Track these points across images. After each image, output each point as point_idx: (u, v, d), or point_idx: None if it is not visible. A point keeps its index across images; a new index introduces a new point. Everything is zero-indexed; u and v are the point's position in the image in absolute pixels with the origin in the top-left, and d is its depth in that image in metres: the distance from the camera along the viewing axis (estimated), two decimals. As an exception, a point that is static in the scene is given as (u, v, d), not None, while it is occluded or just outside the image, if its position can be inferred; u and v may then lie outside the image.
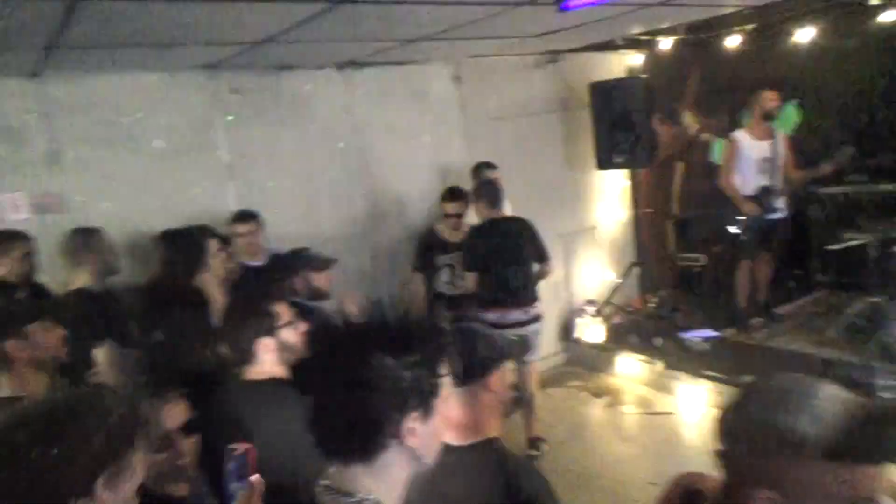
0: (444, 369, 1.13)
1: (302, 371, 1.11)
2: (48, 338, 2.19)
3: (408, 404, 1.07)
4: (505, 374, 1.70)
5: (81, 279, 3.24)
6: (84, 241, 3.27)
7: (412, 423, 1.07)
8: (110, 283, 3.41)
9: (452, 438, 1.64)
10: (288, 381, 2.11)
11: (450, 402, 1.65)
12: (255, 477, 1.51)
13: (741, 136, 5.14)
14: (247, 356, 2.12)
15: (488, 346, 1.66)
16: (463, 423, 1.64)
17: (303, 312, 3.12)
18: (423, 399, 1.09)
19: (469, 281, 4.24)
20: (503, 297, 4.14)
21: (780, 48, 5.52)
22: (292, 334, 2.14)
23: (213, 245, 2.97)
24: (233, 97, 4.27)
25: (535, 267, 4.29)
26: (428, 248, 4.55)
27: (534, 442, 4.33)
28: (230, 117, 4.27)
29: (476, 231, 4.24)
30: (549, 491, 1.55)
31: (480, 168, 4.82)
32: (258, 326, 2.11)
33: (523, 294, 4.17)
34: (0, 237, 3.25)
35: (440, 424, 1.14)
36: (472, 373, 1.63)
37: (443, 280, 4.54)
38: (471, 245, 4.24)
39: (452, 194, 4.46)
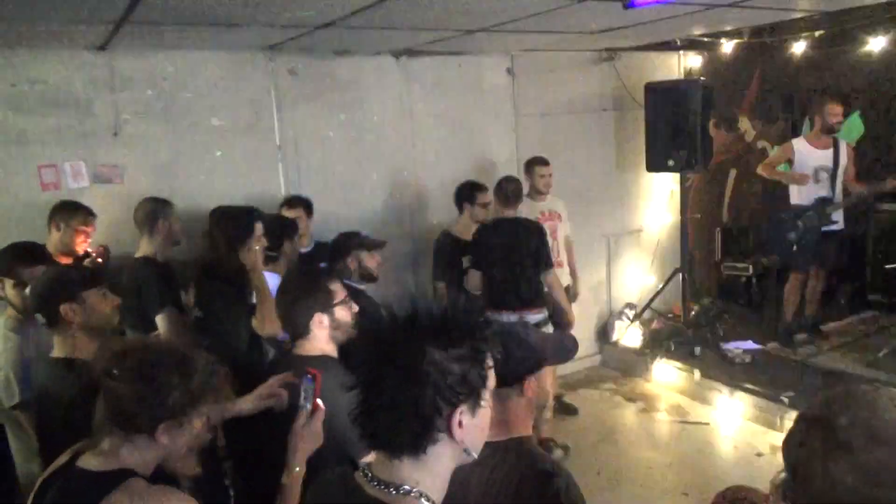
0: (490, 362, 1.13)
1: (352, 364, 1.11)
2: (102, 305, 2.26)
3: (458, 397, 1.07)
4: (542, 378, 1.68)
5: (145, 248, 3.35)
6: (155, 210, 3.37)
7: (460, 417, 1.08)
8: (171, 254, 3.51)
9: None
10: (337, 359, 2.15)
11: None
12: (318, 401, 1.65)
13: (800, 143, 5.02)
14: (301, 330, 2.16)
15: (526, 349, 1.64)
16: (495, 421, 1.62)
17: (352, 293, 3.19)
18: (472, 392, 1.09)
19: (473, 279, 4.14)
20: (500, 299, 4.03)
21: (849, 56, 5.34)
22: (345, 313, 2.17)
23: (258, 228, 3.00)
24: (289, 79, 4.32)
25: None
26: (448, 252, 4.38)
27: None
28: (285, 99, 4.32)
29: (482, 229, 4.16)
30: (578, 492, 1.54)
31: (532, 163, 4.76)
32: (315, 302, 2.14)
33: (519, 297, 4.02)
34: (64, 205, 3.38)
35: (486, 417, 1.14)
36: (507, 374, 1.61)
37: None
38: (475, 243, 4.16)
39: (484, 185, 4.40)
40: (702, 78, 5.40)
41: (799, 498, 0.99)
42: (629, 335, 5.81)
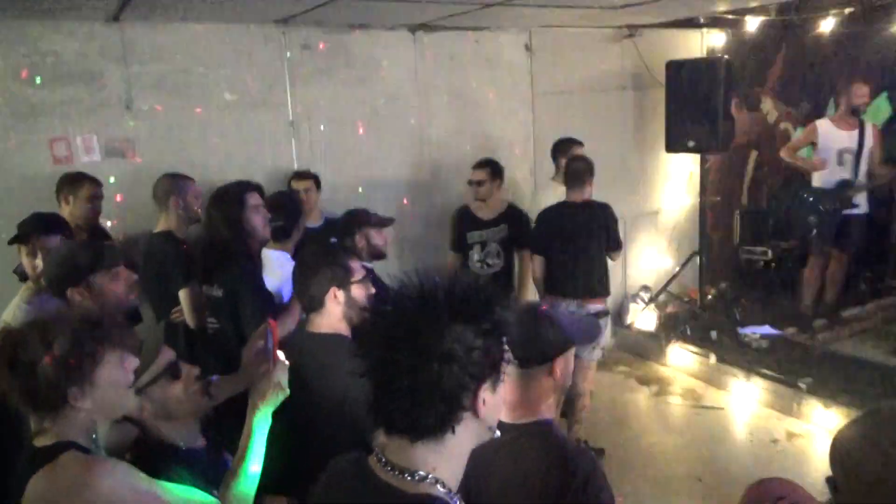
0: (508, 335, 1.09)
1: (365, 348, 1.06)
2: (113, 286, 2.24)
3: (483, 372, 1.03)
4: (569, 360, 1.65)
5: (164, 223, 3.32)
6: (173, 186, 3.33)
7: (483, 394, 1.04)
8: (188, 231, 3.47)
9: (505, 416, 1.60)
10: (349, 338, 2.12)
11: (508, 380, 1.62)
12: (277, 353, 1.66)
13: (824, 124, 4.89)
14: (315, 304, 2.13)
15: (555, 330, 1.60)
16: (518, 402, 1.60)
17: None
18: (495, 367, 1.05)
19: (536, 265, 4.10)
20: (560, 286, 3.99)
21: (879, 35, 5.17)
22: (361, 292, 2.13)
23: (250, 199, 2.92)
24: (302, 54, 4.26)
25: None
26: (459, 225, 4.40)
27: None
28: (298, 73, 4.25)
29: (545, 212, 4.08)
30: (603, 476, 1.50)
31: (562, 144, 4.58)
32: (332, 275, 2.11)
33: (581, 286, 3.95)
34: (69, 179, 3.35)
35: (503, 394, 1.11)
36: (536, 355, 1.58)
37: (474, 259, 4.36)
38: (537, 226, 4.11)
39: (478, 163, 4.30)
40: (725, 56, 5.26)
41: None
42: (644, 318, 5.74)
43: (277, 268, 3.04)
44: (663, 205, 6.08)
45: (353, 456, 1.16)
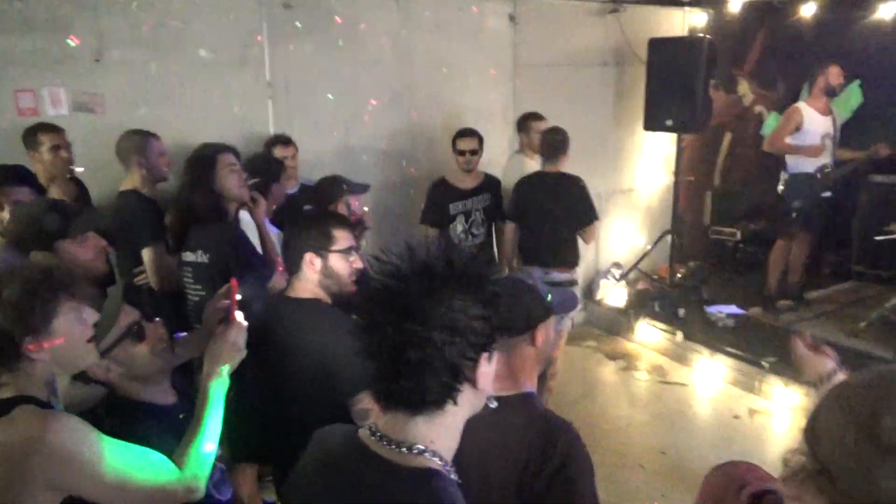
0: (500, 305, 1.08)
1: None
2: (81, 252, 2.18)
3: (485, 342, 1.03)
4: (550, 328, 1.66)
5: (132, 181, 3.21)
6: (138, 143, 3.22)
7: (483, 364, 1.04)
8: (156, 191, 3.38)
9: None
10: (328, 304, 2.09)
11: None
12: (235, 314, 1.63)
13: (807, 108, 4.89)
14: (293, 267, 2.11)
15: (535, 299, 1.61)
16: (501, 373, 1.60)
17: None
18: (493, 338, 1.05)
19: (508, 231, 4.19)
20: (531, 254, 4.09)
21: (857, 23, 5.23)
22: (343, 264, 2.08)
23: (225, 159, 2.86)
24: (283, 13, 4.13)
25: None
26: (440, 198, 4.31)
27: None
28: (277, 33, 4.13)
29: (521, 182, 4.12)
30: (583, 447, 1.52)
31: (527, 118, 4.61)
32: (309, 240, 2.08)
33: (551, 255, 4.02)
34: (29, 131, 3.23)
35: (496, 363, 1.10)
36: (517, 324, 1.59)
37: (458, 230, 4.32)
38: (514, 195, 4.15)
39: (465, 132, 4.27)
40: (707, 36, 5.27)
41: (830, 492, 0.94)
42: (614, 294, 5.82)
43: (252, 230, 3.00)
44: (638, 183, 6.12)
45: (343, 430, 1.14)
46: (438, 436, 1.05)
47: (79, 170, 3.45)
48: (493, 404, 1.12)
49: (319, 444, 1.16)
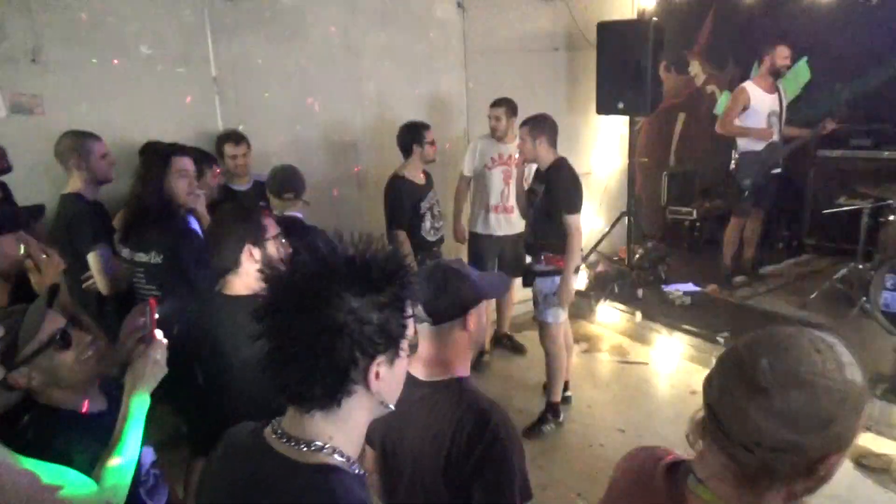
0: (409, 310, 1.06)
1: (261, 312, 1.02)
2: (11, 248, 2.13)
3: (376, 348, 1.01)
4: (481, 312, 1.68)
5: (74, 184, 3.15)
6: (76, 144, 3.15)
7: (378, 368, 1.02)
8: (99, 193, 3.31)
9: (422, 374, 1.63)
10: None
11: (423, 338, 1.64)
12: (156, 332, 1.64)
13: (753, 87, 4.98)
14: (230, 264, 2.09)
15: (464, 284, 1.63)
16: (434, 359, 1.63)
17: (303, 230, 3.10)
18: (391, 342, 1.03)
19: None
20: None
21: (802, 2, 5.34)
22: (278, 249, 2.09)
23: (179, 163, 2.85)
24: (225, 6, 4.07)
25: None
26: (406, 196, 4.17)
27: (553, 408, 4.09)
28: (221, 27, 4.07)
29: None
30: (513, 432, 1.55)
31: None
32: (246, 233, 2.07)
33: (532, 245, 3.97)
34: None
35: (404, 368, 1.09)
36: (448, 310, 1.60)
37: (427, 227, 4.27)
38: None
39: (426, 124, 4.26)
40: (654, 19, 5.32)
41: (718, 438, 0.99)
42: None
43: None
44: (594, 166, 6.17)
45: (250, 427, 1.14)
46: (338, 432, 1.04)
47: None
48: (390, 408, 1.09)
49: (227, 441, 1.16)
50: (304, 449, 1.03)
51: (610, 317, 5.42)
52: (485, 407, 1.56)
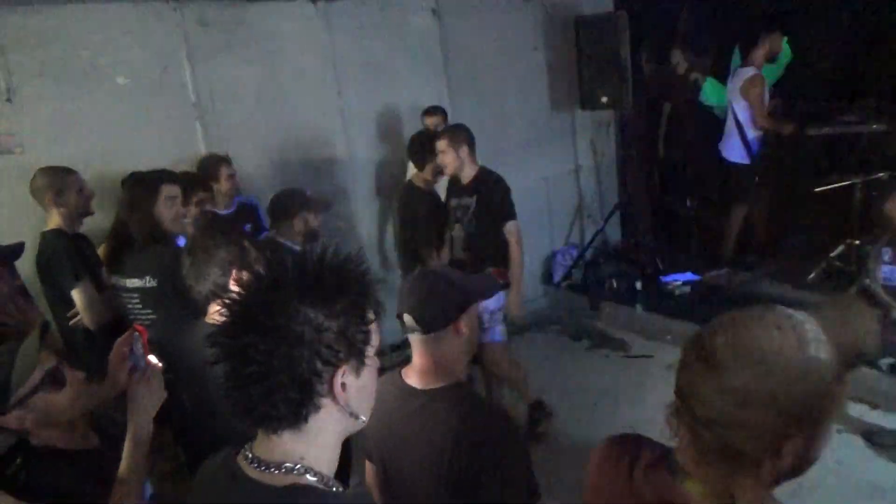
0: (371, 316, 1.04)
1: (214, 336, 0.99)
2: None
3: (338, 356, 0.98)
4: (473, 316, 1.65)
5: (54, 220, 3.10)
6: (51, 181, 3.10)
7: (343, 378, 0.99)
8: (81, 226, 3.28)
9: (419, 383, 1.60)
10: None
11: (416, 347, 1.61)
12: (150, 357, 1.63)
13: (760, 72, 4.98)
14: (219, 290, 2.03)
15: (452, 290, 1.60)
16: (429, 367, 1.60)
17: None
18: (354, 350, 1.00)
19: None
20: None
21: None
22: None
23: (168, 190, 2.84)
24: (200, 31, 4.05)
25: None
26: (434, 212, 3.96)
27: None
28: (197, 52, 4.05)
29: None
30: (517, 435, 1.52)
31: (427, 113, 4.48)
32: (234, 258, 2.03)
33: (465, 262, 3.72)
34: None
35: (372, 378, 1.07)
36: (438, 317, 1.57)
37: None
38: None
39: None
40: (623, 11, 5.31)
41: (684, 419, 0.97)
42: (573, 275, 5.84)
43: None
44: (582, 162, 6.15)
45: (224, 453, 1.11)
46: (308, 451, 1.02)
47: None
48: (363, 420, 1.06)
49: (202, 470, 1.14)
50: (275, 472, 1.00)
51: (610, 312, 5.39)
52: (486, 411, 1.53)
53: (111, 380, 1.64)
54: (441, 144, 3.62)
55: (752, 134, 5.02)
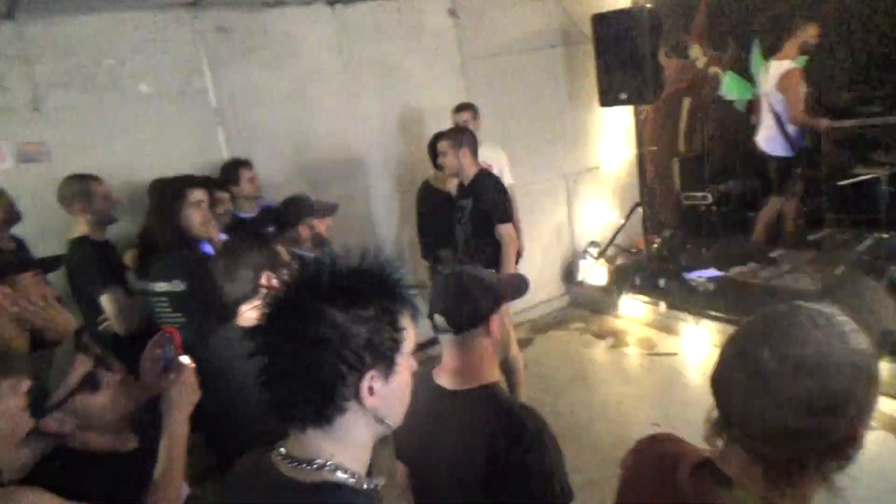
0: (406, 322, 1.04)
1: (252, 330, 1.01)
2: (36, 291, 2.13)
3: (363, 362, 0.98)
4: (503, 316, 1.64)
5: (80, 228, 3.16)
6: (77, 189, 3.15)
7: (370, 383, 1.00)
8: (104, 234, 3.32)
9: (450, 384, 1.60)
10: None
11: (447, 348, 1.60)
12: (182, 358, 1.66)
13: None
14: (249, 292, 2.05)
15: (483, 290, 1.59)
16: (460, 368, 1.60)
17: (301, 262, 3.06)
18: (382, 356, 1.00)
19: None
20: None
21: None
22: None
23: (194, 195, 2.86)
24: (218, 37, 4.09)
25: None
26: (449, 212, 3.95)
27: None
28: (216, 58, 4.09)
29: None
30: (549, 435, 1.51)
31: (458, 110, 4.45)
32: (264, 260, 2.05)
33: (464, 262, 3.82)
34: None
35: (403, 384, 1.06)
36: (469, 317, 1.57)
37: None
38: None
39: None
40: (648, 5, 5.26)
41: (737, 436, 0.95)
42: (594, 273, 5.81)
43: None
44: (603, 159, 6.11)
45: (257, 452, 1.12)
46: (338, 450, 1.03)
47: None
48: (390, 425, 1.07)
49: (237, 467, 1.15)
50: (307, 468, 1.01)
51: (633, 310, 5.35)
52: (518, 411, 1.53)
53: (144, 381, 1.66)
54: (442, 146, 3.69)
55: (791, 126, 4.96)
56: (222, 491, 1.15)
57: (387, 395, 1.03)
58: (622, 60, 5.02)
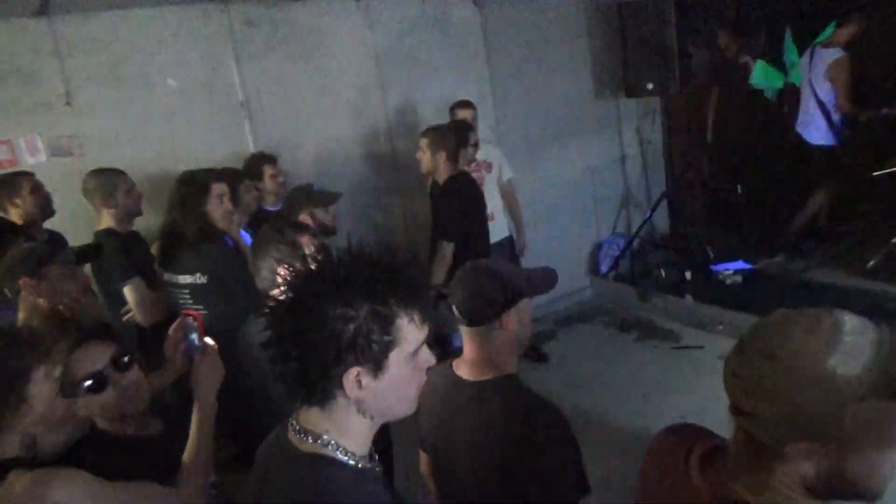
0: (401, 321, 1.05)
1: (270, 310, 1.09)
2: (65, 283, 2.19)
3: (344, 360, 1.02)
4: (522, 311, 1.63)
5: (105, 220, 3.21)
6: (101, 182, 3.20)
7: (357, 377, 1.04)
8: (131, 227, 3.38)
9: (469, 375, 1.60)
10: None
11: (466, 339, 1.61)
12: (206, 339, 1.72)
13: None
14: (269, 284, 2.09)
15: (498, 284, 1.59)
16: (478, 359, 1.60)
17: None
18: (367, 355, 1.03)
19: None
20: None
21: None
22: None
23: (218, 188, 2.89)
24: (246, 31, 4.13)
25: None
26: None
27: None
28: (244, 52, 4.13)
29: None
30: (566, 427, 1.51)
31: (452, 107, 4.44)
32: (279, 254, 2.07)
33: None
34: (3, 179, 3.20)
35: (398, 381, 1.08)
36: (483, 312, 1.57)
37: None
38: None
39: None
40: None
41: (753, 428, 0.95)
42: (620, 265, 5.76)
43: None
44: (628, 150, 6.05)
45: (280, 428, 1.21)
46: (333, 428, 1.09)
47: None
48: (375, 422, 1.13)
49: (265, 440, 1.24)
50: (308, 440, 1.09)
51: (658, 302, 5.30)
52: (535, 403, 1.53)
53: (172, 366, 1.72)
54: (422, 142, 3.64)
55: (836, 116, 4.85)
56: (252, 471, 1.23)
57: (377, 390, 1.06)
58: (648, 51, 4.96)
